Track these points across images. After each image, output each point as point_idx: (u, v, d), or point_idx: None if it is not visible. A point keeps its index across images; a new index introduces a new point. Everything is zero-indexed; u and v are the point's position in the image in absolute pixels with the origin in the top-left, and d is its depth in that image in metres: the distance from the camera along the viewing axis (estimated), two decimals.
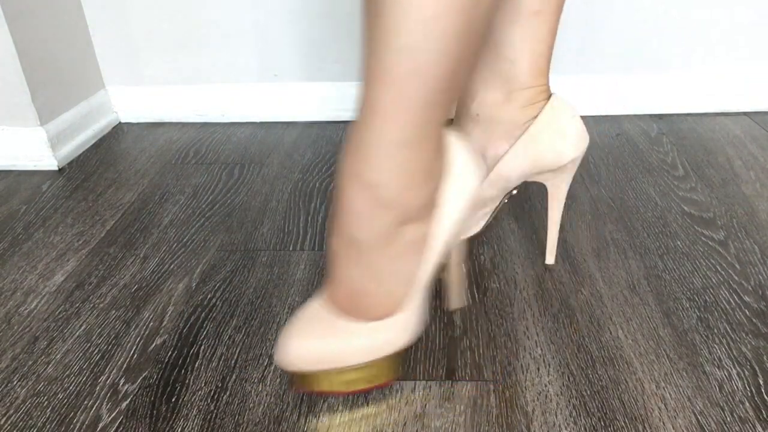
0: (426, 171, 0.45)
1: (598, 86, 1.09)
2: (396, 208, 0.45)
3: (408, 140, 0.43)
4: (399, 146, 0.43)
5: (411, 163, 0.44)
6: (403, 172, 0.44)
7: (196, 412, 0.52)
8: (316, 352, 0.49)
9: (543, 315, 0.62)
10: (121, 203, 0.87)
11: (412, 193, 0.45)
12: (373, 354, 0.49)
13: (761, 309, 0.61)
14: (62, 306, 0.66)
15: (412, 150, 0.43)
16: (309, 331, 0.50)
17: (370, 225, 0.46)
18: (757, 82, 1.07)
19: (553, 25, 0.56)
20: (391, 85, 0.40)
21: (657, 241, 0.73)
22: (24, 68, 0.92)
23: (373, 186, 0.44)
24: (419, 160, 0.44)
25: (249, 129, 1.12)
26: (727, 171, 0.89)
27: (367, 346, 0.49)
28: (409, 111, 0.41)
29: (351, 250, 0.47)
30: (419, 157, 0.44)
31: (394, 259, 0.47)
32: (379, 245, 0.46)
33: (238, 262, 0.72)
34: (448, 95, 0.42)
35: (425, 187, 0.46)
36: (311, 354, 0.49)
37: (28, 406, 0.54)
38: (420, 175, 0.45)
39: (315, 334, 0.49)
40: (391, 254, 0.47)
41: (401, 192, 0.44)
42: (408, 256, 0.47)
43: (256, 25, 1.08)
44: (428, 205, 0.47)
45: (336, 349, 0.49)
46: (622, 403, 0.51)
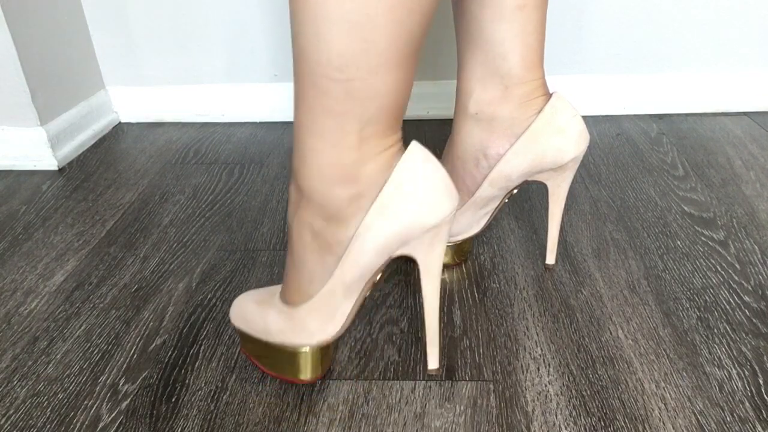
0: (341, 169, 0.43)
1: (598, 86, 1.09)
2: (311, 200, 0.44)
3: (310, 128, 0.42)
4: (305, 132, 0.43)
5: (319, 154, 0.42)
6: (313, 162, 0.43)
7: (196, 412, 0.52)
8: (241, 311, 0.53)
9: (543, 315, 0.62)
10: (121, 203, 0.87)
11: (326, 188, 0.43)
12: (274, 335, 0.51)
13: (761, 309, 0.61)
14: (62, 306, 0.66)
15: (317, 140, 0.42)
16: (253, 295, 0.54)
17: (291, 210, 0.47)
18: (757, 82, 1.07)
19: (540, 16, 0.56)
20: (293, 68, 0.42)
21: (657, 241, 0.73)
22: (24, 68, 0.92)
23: (294, 172, 0.45)
24: (329, 153, 0.42)
25: (249, 129, 1.12)
26: (727, 171, 0.89)
27: (273, 325, 0.51)
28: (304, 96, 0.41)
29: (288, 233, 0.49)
30: (328, 150, 0.42)
31: (308, 251, 0.47)
32: (297, 232, 0.47)
33: (238, 262, 0.72)
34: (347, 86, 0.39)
35: (344, 189, 0.43)
36: (239, 310, 0.54)
37: (28, 406, 0.54)
38: (334, 171, 0.43)
39: (253, 297, 0.54)
40: (306, 246, 0.47)
41: (314, 184, 0.44)
42: (321, 253, 0.46)
43: (256, 25, 1.08)
44: (350, 208, 0.44)
45: (254, 315, 0.52)
46: (622, 403, 0.51)
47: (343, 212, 0.44)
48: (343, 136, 0.41)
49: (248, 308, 0.53)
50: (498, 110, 0.58)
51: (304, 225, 0.46)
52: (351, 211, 0.44)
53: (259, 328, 0.52)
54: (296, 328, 0.50)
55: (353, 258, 0.45)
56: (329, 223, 0.45)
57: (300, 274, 0.48)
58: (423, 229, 0.45)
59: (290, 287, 0.50)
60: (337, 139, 0.42)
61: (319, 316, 0.49)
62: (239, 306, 0.54)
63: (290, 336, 0.50)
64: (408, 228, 0.44)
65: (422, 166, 0.44)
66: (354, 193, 0.43)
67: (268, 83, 1.13)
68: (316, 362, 0.52)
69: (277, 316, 0.50)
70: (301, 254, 0.47)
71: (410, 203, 0.43)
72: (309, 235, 0.46)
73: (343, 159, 0.42)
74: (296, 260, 0.48)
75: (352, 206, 0.44)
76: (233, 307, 0.55)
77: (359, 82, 0.39)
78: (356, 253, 0.45)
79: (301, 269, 0.48)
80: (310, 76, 0.40)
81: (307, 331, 0.49)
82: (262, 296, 0.53)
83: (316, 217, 0.45)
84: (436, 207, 0.44)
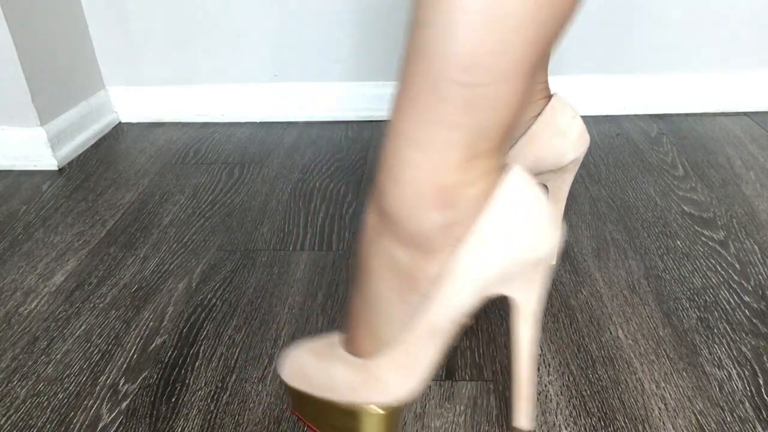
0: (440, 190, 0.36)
1: (598, 86, 1.09)
2: (397, 224, 0.38)
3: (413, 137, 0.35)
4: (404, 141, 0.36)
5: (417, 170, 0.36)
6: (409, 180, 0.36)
7: (196, 412, 0.52)
8: (299, 367, 0.45)
9: (543, 315, 0.62)
10: (121, 203, 0.87)
11: (417, 211, 0.37)
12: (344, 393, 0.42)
13: (761, 309, 0.61)
14: (62, 306, 0.66)
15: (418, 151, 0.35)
16: (309, 345, 0.46)
17: (369, 238, 0.40)
18: (757, 82, 1.07)
19: None
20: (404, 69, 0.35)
21: (657, 241, 0.73)
22: (24, 68, 0.92)
23: (378, 192, 0.39)
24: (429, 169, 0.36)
25: (249, 129, 1.12)
26: (727, 171, 0.89)
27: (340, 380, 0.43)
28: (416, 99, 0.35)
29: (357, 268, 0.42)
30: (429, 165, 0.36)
31: (388, 290, 0.39)
32: (374, 266, 0.40)
33: (238, 262, 0.72)
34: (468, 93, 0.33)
35: (437, 212, 0.37)
36: (295, 366, 0.46)
37: (28, 406, 0.54)
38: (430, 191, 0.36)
39: (311, 349, 0.46)
40: (386, 282, 0.39)
41: (404, 206, 0.37)
42: (404, 290, 0.39)
43: (256, 25, 1.08)
44: (442, 237, 0.37)
45: (315, 370, 0.44)
46: (622, 403, 0.51)
47: (434, 242, 0.37)
48: (451, 152, 0.35)
49: (307, 362, 0.45)
50: None
51: (385, 256, 0.39)
52: (444, 240, 0.37)
53: (322, 385, 0.43)
54: (370, 383, 0.41)
55: (445, 297, 0.38)
56: (416, 255, 0.38)
57: (375, 316, 0.40)
58: (528, 265, 0.39)
59: (360, 333, 0.42)
60: (442, 155, 0.35)
61: (399, 368, 0.41)
62: (294, 361, 0.46)
63: (363, 393, 0.42)
64: (512, 263, 0.38)
65: (527, 192, 0.38)
66: (450, 220, 0.37)
67: (268, 83, 1.13)
68: (390, 426, 0.43)
69: (346, 370, 0.42)
70: (377, 292, 0.40)
71: (516, 235, 0.37)
72: (389, 269, 0.39)
73: (445, 179, 0.36)
74: (370, 299, 0.40)
75: (446, 235, 0.37)
76: (285, 363, 0.46)
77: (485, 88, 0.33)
78: (449, 291, 0.38)
79: (376, 311, 0.40)
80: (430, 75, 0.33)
81: (384, 387, 0.41)
82: (320, 348, 0.45)
83: (401, 246, 0.38)
84: (544, 239, 0.38)
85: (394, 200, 0.37)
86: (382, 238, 0.39)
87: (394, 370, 0.40)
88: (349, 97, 1.12)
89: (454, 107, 0.34)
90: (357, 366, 0.42)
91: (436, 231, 0.37)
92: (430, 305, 0.38)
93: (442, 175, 0.36)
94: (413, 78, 0.34)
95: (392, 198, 0.37)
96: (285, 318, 0.63)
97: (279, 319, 0.63)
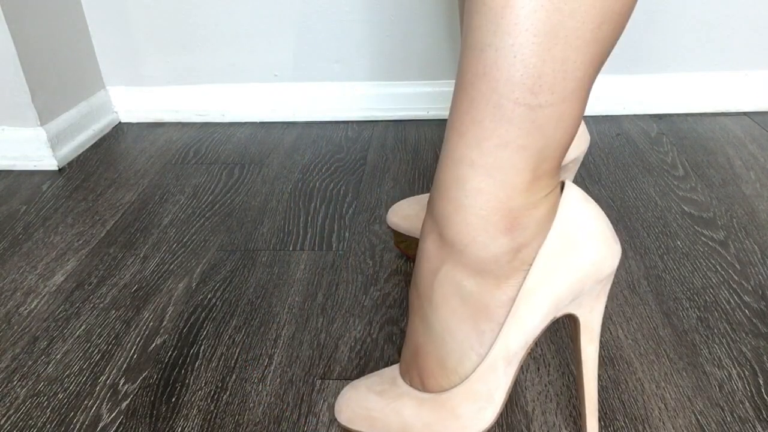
0: (507, 214, 0.36)
1: (598, 86, 1.09)
2: (463, 252, 0.37)
3: (479, 163, 0.35)
4: (468, 169, 0.35)
5: (484, 196, 0.35)
6: (474, 206, 0.36)
7: (196, 412, 0.52)
8: (363, 409, 0.43)
9: None
10: (121, 203, 0.87)
11: (486, 237, 0.36)
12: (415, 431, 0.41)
13: (761, 309, 0.61)
14: (62, 306, 0.66)
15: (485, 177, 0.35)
16: (369, 384, 0.44)
17: (431, 269, 0.39)
18: (757, 82, 1.07)
19: None
20: (462, 91, 0.35)
21: (657, 241, 0.73)
22: (24, 68, 0.92)
23: (440, 219, 0.38)
24: (496, 194, 0.35)
25: (249, 129, 1.12)
26: (727, 171, 0.89)
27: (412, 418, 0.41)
28: (480, 123, 0.34)
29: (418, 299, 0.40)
30: (496, 190, 0.35)
31: (458, 321, 0.39)
32: (440, 297, 0.39)
33: (238, 262, 0.72)
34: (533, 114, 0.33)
35: (505, 236, 0.36)
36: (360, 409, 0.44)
37: (28, 406, 0.54)
38: (498, 216, 0.36)
39: (372, 388, 0.44)
40: (455, 313, 0.39)
41: (470, 232, 0.37)
42: (477, 322, 0.38)
43: (256, 25, 1.08)
44: (511, 262, 0.37)
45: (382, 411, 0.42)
46: (622, 403, 0.51)
47: (505, 267, 0.37)
48: (517, 174, 0.35)
49: (370, 404, 0.43)
50: None
51: (453, 287, 0.38)
52: (515, 265, 0.37)
53: (393, 426, 0.42)
54: (447, 419, 0.40)
55: (519, 322, 0.38)
56: (486, 282, 0.37)
57: (445, 349, 0.39)
58: (596, 281, 0.39)
59: (429, 368, 0.41)
60: (509, 178, 0.35)
61: (476, 399, 0.39)
62: (354, 403, 0.44)
63: (440, 430, 0.41)
64: (582, 281, 0.38)
65: (585, 208, 0.38)
66: (520, 243, 0.37)
67: (268, 83, 1.13)
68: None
69: (418, 408, 0.41)
70: (446, 324, 0.39)
71: (582, 253, 0.38)
72: (458, 299, 0.38)
73: (513, 202, 0.36)
74: (438, 332, 0.39)
75: (516, 259, 0.37)
76: (343, 406, 0.44)
77: (549, 108, 0.33)
78: (523, 316, 0.38)
79: (447, 343, 0.39)
80: (494, 98, 0.33)
81: (461, 421, 0.40)
82: (380, 386, 0.43)
83: (469, 275, 0.37)
84: (609, 254, 0.39)
85: (460, 228, 0.37)
86: (448, 268, 0.38)
87: (471, 403, 0.40)
88: (349, 97, 1.12)
89: (519, 129, 0.34)
90: (430, 403, 0.41)
91: (505, 256, 0.37)
92: (506, 333, 0.38)
93: (508, 197, 0.35)
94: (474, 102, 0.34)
95: (457, 226, 0.37)
96: (285, 318, 0.63)
97: (279, 319, 0.63)
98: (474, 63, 0.34)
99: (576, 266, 0.38)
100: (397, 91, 1.11)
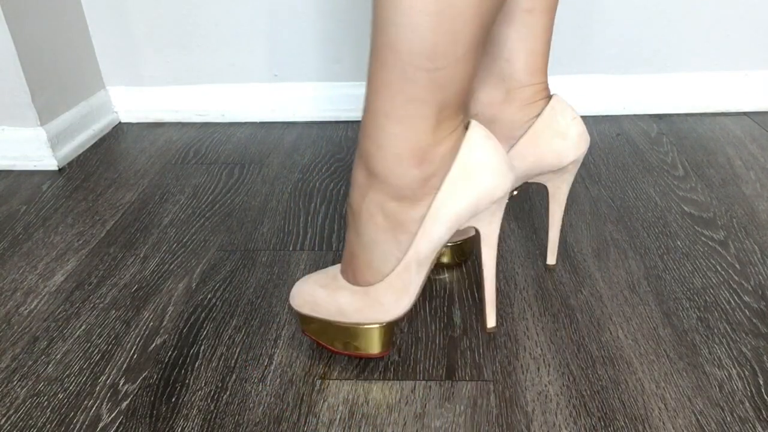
0: (417, 151, 0.46)
1: (598, 86, 1.09)
2: (383, 181, 0.47)
3: (392, 114, 0.44)
4: (384, 118, 0.45)
5: (397, 139, 0.45)
6: (390, 146, 0.45)
7: (196, 412, 0.52)
8: (310, 297, 0.55)
9: (543, 315, 0.62)
10: (121, 203, 0.87)
11: (401, 170, 0.46)
12: (349, 316, 0.53)
13: (761, 309, 0.61)
14: (62, 306, 0.66)
15: (397, 124, 0.44)
16: (314, 279, 0.56)
17: (363, 194, 0.49)
18: (757, 82, 1.07)
19: (547, 22, 0.56)
20: (373, 57, 0.43)
21: (657, 241, 0.73)
22: (24, 68, 0.92)
23: (365, 155, 0.47)
24: (407, 137, 0.45)
25: (249, 129, 1.12)
26: (727, 171, 0.89)
27: (347, 306, 0.53)
28: (389, 84, 0.43)
29: (352, 217, 0.51)
30: (407, 134, 0.45)
31: (382, 233, 0.49)
32: (368, 215, 0.49)
33: (238, 262, 0.72)
34: (432, 75, 0.42)
35: (416, 169, 0.46)
36: (306, 296, 0.55)
37: (28, 406, 0.54)
38: (409, 153, 0.45)
39: (317, 282, 0.55)
40: (380, 227, 0.49)
41: (389, 166, 0.46)
42: (395, 232, 0.49)
43: (256, 25, 1.08)
44: (422, 188, 0.47)
45: (324, 299, 0.54)
46: (622, 403, 0.51)
47: (417, 192, 0.47)
48: (423, 121, 0.44)
49: (316, 294, 0.54)
50: (499, 112, 0.58)
51: (376, 207, 0.48)
52: (425, 190, 0.47)
53: (332, 310, 0.53)
54: (373, 305, 0.52)
55: (428, 234, 0.48)
56: (402, 203, 0.48)
57: (372, 254, 0.50)
58: (490, 202, 0.49)
59: (360, 268, 0.52)
60: (417, 124, 0.44)
61: (395, 292, 0.51)
62: (305, 292, 0.55)
63: (368, 314, 0.52)
64: (478, 202, 0.48)
65: (485, 143, 0.47)
66: (428, 174, 0.46)
67: (268, 83, 1.13)
68: (387, 336, 0.54)
69: (351, 297, 0.52)
70: (373, 235, 0.49)
71: (479, 179, 0.47)
72: (381, 216, 0.48)
73: (421, 142, 0.45)
74: (367, 242, 0.50)
75: (426, 186, 0.47)
76: (296, 295, 0.56)
77: (445, 70, 0.42)
78: (430, 229, 0.48)
79: (373, 250, 0.50)
80: (400, 65, 0.42)
81: (384, 308, 0.52)
82: (324, 281, 0.55)
83: (390, 198, 0.47)
84: (502, 180, 0.48)
85: (380, 163, 0.46)
86: (372, 193, 0.48)
87: (391, 294, 0.51)
88: (349, 97, 1.12)
89: (421, 87, 0.42)
90: (361, 293, 0.52)
91: (417, 184, 0.47)
92: (417, 242, 0.49)
93: (417, 139, 0.45)
94: (386, 67, 0.43)
95: (378, 161, 0.46)
96: (285, 318, 0.63)
97: (279, 319, 0.63)
98: (381, 36, 0.42)
99: (473, 190, 0.48)
100: None
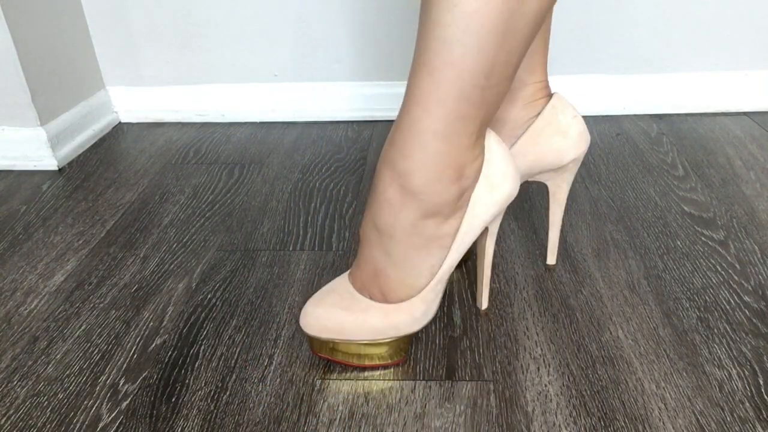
0: (457, 168, 0.47)
1: (598, 86, 1.09)
2: (422, 199, 0.47)
3: (441, 132, 0.44)
4: (431, 137, 0.45)
5: (442, 157, 0.46)
6: (433, 164, 0.46)
7: (196, 412, 0.52)
8: (335, 322, 0.53)
9: (543, 315, 0.62)
10: (121, 203, 0.87)
11: (441, 187, 0.47)
12: (383, 333, 0.53)
13: (761, 309, 0.61)
14: (62, 306, 0.66)
15: (444, 143, 0.45)
16: (331, 301, 0.54)
17: (396, 213, 0.49)
18: (757, 82, 1.07)
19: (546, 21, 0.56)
20: (428, 75, 0.43)
21: (657, 241, 0.73)
22: (24, 68, 0.92)
23: (403, 174, 0.47)
24: (451, 155, 0.46)
25: (249, 129, 1.12)
26: (727, 171, 0.89)
27: (380, 325, 0.52)
28: (444, 102, 0.43)
29: (378, 235, 0.50)
30: (451, 151, 0.45)
31: (416, 250, 0.50)
32: (403, 234, 0.49)
33: (238, 262, 0.72)
34: (484, 93, 0.43)
35: (455, 185, 0.47)
36: (330, 322, 0.53)
37: (28, 406, 0.54)
38: (450, 170, 0.46)
39: (336, 305, 0.53)
40: (414, 245, 0.50)
41: (429, 184, 0.47)
42: (430, 249, 0.50)
43: (256, 25, 1.08)
44: (456, 203, 0.48)
45: (352, 323, 0.53)
46: (622, 403, 0.51)
47: (452, 207, 0.49)
48: (467, 138, 0.46)
49: (341, 319, 0.53)
50: (501, 112, 0.58)
51: (410, 225, 0.49)
52: (459, 204, 0.49)
53: (364, 332, 0.53)
54: (407, 320, 0.53)
55: (461, 246, 0.51)
56: (437, 219, 0.49)
57: (405, 272, 0.51)
58: (507, 204, 0.52)
59: (391, 287, 0.52)
60: (462, 141, 0.45)
61: (427, 303, 0.52)
62: (323, 318, 0.53)
63: (402, 329, 0.53)
64: (501, 208, 0.51)
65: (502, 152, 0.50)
66: (464, 188, 0.48)
67: (268, 83, 1.13)
68: (407, 343, 0.56)
69: (384, 317, 0.52)
70: (406, 253, 0.50)
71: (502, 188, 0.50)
72: (416, 234, 0.49)
73: (462, 158, 0.46)
74: (399, 260, 0.50)
75: (460, 200, 0.49)
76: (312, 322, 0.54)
77: (496, 88, 0.43)
78: (463, 240, 0.50)
79: (407, 267, 0.51)
80: (459, 84, 0.42)
81: (417, 320, 0.53)
82: (342, 302, 0.53)
83: (424, 216, 0.48)
84: (516, 185, 0.52)
85: (420, 181, 0.47)
86: (408, 211, 0.48)
87: (423, 306, 0.52)
88: (349, 97, 1.12)
89: (473, 105, 0.43)
90: (394, 311, 0.52)
91: (454, 199, 0.48)
92: (451, 253, 0.51)
93: (459, 155, 0.46)
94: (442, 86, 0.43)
95: (418, 180, 0.47)
96: (285, 318, 0.63)
97: (279, 319, 0.63)
98: (444, 55, 0.42)
99: (497, 199, 0.50)
100: (397, 91, 1.11)
